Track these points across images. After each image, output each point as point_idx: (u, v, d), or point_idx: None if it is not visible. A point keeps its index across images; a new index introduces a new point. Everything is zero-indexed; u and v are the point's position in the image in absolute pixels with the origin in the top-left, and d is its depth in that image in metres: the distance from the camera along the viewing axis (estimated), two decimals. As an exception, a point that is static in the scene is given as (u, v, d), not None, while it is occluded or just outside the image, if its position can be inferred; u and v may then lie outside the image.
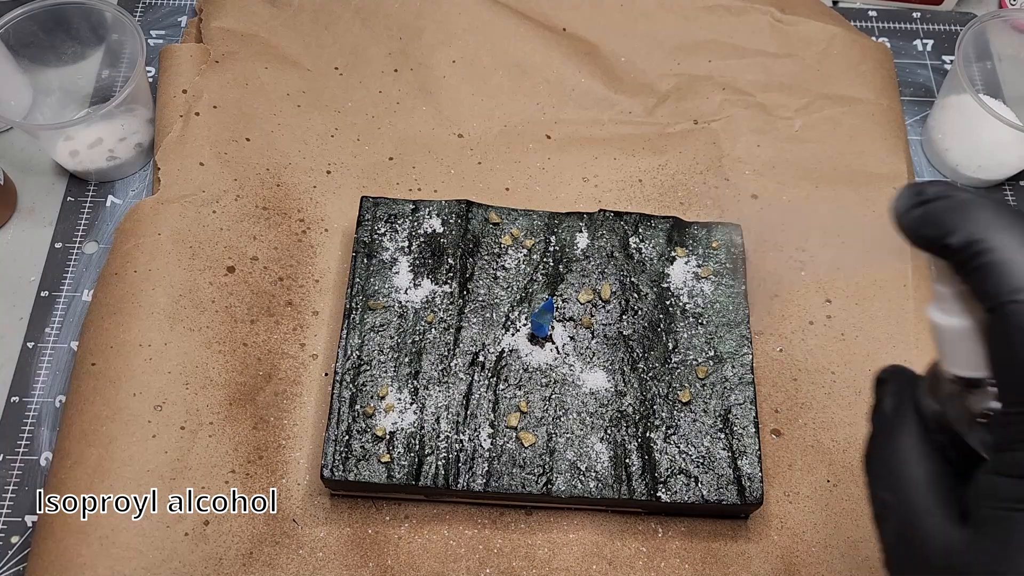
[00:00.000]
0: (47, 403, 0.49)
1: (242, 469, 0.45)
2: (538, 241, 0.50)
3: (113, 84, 0.59)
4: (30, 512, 0.46)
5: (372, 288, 0.48)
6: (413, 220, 0.50)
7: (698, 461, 0.44)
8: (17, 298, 0.52)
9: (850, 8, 0.66)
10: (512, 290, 0.48)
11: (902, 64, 0.63)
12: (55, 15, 0.55)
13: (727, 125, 0.57)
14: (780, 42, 0.60)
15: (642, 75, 0.60)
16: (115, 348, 0.46)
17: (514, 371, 0.46)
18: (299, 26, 0.59)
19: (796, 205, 0.55)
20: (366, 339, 0.46)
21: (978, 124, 0.54)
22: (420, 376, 0.46)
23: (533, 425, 0.45)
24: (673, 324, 0.48)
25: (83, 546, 0.41)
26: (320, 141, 0.56)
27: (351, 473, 0.43)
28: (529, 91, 0.58)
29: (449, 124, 0.57)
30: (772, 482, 0.46)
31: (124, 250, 0.49)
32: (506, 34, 0.59)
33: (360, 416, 0.44)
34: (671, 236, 0.50)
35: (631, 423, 0.45)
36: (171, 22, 0.63)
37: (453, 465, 0.43)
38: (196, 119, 0.54)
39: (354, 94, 0.58)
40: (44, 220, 0.55)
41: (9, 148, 0.58)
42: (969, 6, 0.67)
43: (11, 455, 0.47)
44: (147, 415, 0.44)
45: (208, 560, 0.42)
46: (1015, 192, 0.58)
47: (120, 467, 0.43)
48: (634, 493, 0.43)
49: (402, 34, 0.59)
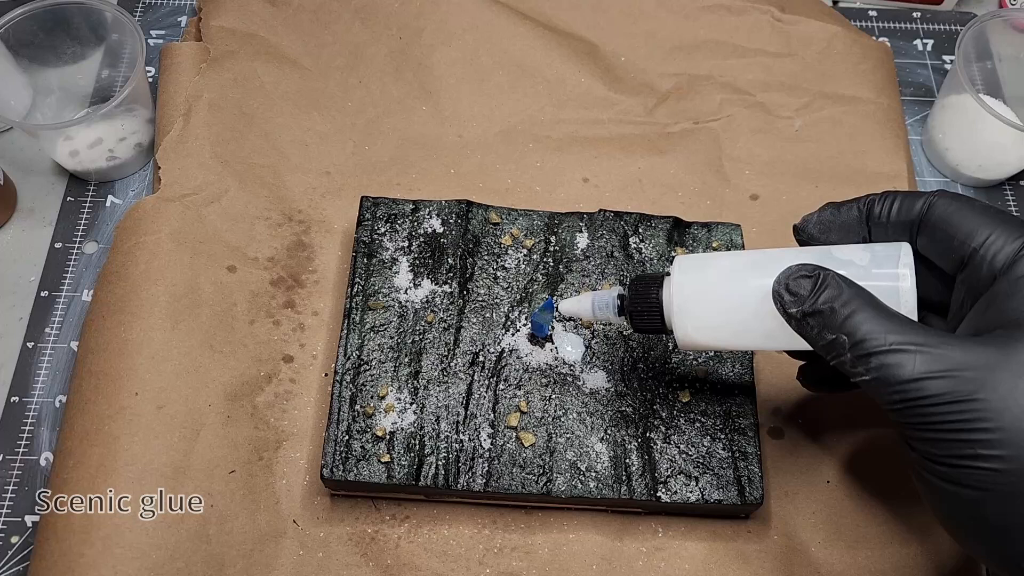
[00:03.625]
0: (47, 403, 0.49)
1: (242, 469, 0.45)
2: (538, 241, 0.50)
3: (113, 84, 0.59)
4: (30, 512, 0.46)
5: (372, 288, 0.48)
6: (413, 220, 0.50)
7: (698, 461, 0.44)
8: (17, 298, 0.52)
9: (850, 8, 0.66)
10: (512, 290, 0.48)
11: (902, 64, 0.63)
12: (55, 15, 0.55)
13: (727, 125, 0.57)
14: (780, 42, 0.60)
15: (642, 75, 0.60)
16: (116, 347, 0.46)
17: (514, 371, 0.46)
18: (299, 25, 0.59)
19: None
20: (366, 339, 0.46)
21: (978, 124, 0.54)
22: (420, 376, 0.46)
23: (533, 425, 0.45)
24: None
25: (85, 546, 0.41)
26: (320, 141, 0.56)
27: (351, 473, 0.43)
28: (529, 91, 0.58)
29: (449, 124, 0.57)
30: (772, 482, 0.46)
31: (125, 249, 0.49)
32: (506, 34, 0.59)
33: (360, 416, 0.44)
34: (671, 236, 0.50)
35: (631, 423, 0.45)
36: (171, 22, 0.63)
37: (453, 465, 0.43)
38: (196, 118, 0.54)
39: (354, 94, 0.58)
40: (44, 220, 0.55)
41: (9, 148, 0.58)
42: (969, 6, 0.67)
43: (11, 455, 0.47)
44: (148, 415, 0.44)
45: (210, 560, 0.42)
46: (1015, 192, 0.58)
47: (122, 467, 0.43)
48: (634, 493, 0.43)
49: (402, 34, 0.59)
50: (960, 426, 0.30)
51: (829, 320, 0.33)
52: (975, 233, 0.34)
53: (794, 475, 0.46)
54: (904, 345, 0.31)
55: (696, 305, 0.38)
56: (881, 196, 0.37)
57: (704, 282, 0.38)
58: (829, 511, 0.46)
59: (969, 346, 0.31)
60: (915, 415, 0.31)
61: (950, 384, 0.30)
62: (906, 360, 0.31)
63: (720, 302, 0.37)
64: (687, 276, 0.38)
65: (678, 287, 0.38)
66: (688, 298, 0.38)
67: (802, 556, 0.44)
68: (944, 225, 0.35)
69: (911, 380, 0.31)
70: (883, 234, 0.37)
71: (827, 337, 0.33)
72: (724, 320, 0.37)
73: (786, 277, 0.34)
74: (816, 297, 0.33)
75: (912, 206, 0.36)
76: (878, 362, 0.31)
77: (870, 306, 0.32)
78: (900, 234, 0.37)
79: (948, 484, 0.31)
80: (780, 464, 0.47)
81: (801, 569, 0.44)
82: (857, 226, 0.38)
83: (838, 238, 0.38)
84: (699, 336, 0.38)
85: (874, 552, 0.44)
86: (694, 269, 0.38)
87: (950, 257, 0.35)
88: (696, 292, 0.38)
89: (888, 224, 0.37)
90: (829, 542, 0.45)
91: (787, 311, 0.34)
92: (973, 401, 0.30)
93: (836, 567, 0.44)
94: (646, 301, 0.39)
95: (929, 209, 0.35)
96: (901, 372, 0.31)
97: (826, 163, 0.56)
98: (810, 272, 0.34)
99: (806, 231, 0.39)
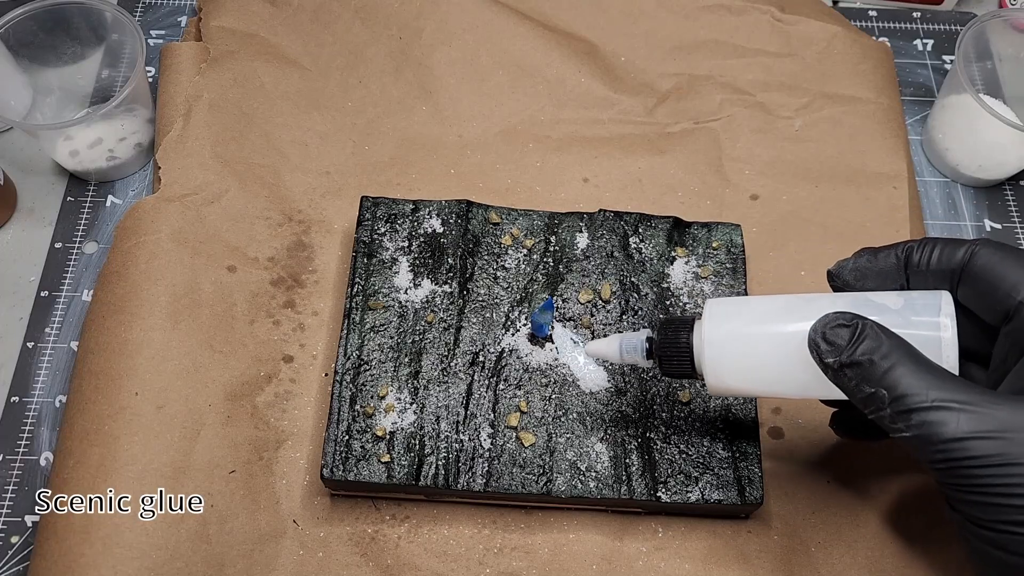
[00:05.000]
0: (47, 403, 0.49)
1: (242, 469, 0.45)
2: (538, 241, 0.50)
3: (113, 84, 0.59)
4: (30, 512, 0.46)
5: (372, 288, 0.48)
6: (413, 220, 0.50)
7: (698, 461, 0.44)
8: (17, 298, 0.52)
9: (850, 8, 0.66)
10: (512, 290, 0.48)
11: (902, 64, 0.63)
12: (55, 15, 0.55)
13: (727, 125, 0.57)
14: (780, 41, 0.60)
15: (642, 75, 0.60)
16: (116, 347, 0.46)
17: (514, 371, 0.46)
18: (299, 25, 0.59)
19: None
20: (366, 339, 0.46)
21: (978, 124, 0.54)
22: (420, 376, 0.46)
23: (533, 425, 0.45)
24: (673, 324, 0.48)
25: (86, 546, 0.41)
26: (320, 141, 0.56)
27: (351, 473, 0.43)
28: (529, 91, 0.58)
29: (449, 124, 0.57)
30: (772, 482, 0.46)
31: (125, 249, 0.49)
32: (506, 34, 0.59)
33: (360, 416, 0.44)
34: (671, 236, 0.50)
35: (631, 423, 0.45)
36: (171, 22, 0.63)
37: (453, 465, 0.43)
38: (196, 118, 0.54)
39: (354, 94, 0.58)
40: (44, 220, 0.55)
41: (9, 148, 0.58)
42: (969, 6, 0.67)
43: (11, 455, 0.47)
44: (149, 415, 0.44)
45: (210, 560, 0.42)
46: (1015, 192, 0.58)
47: (122, 467, 0.43)
48: (634, 493, 0.43)
49: (402, 34, 0.59)
50: (1009, 491, 0.29)
51: (868, 373, 0.31)
52: (1022, 285, 0.33)
53: (794, 475, 0.46)
54: (948, 402, 0.30)
55: (728, 352, 0.36)
56: (920, 243, 0.36)
57: (737, 328, 0.36)
58: (829, 511, 0.46)
59: (1017, 406, 0.29)
60: (960, 476, 0.30)
61: (998, 446, 0.29)
62: (950, 418, 0.29)
63: (753, 349, 0.36)
64: (719, 321, 0.37)
65: (709, 333, 0.37)
66: (720, 344, 0.36)
67: (802, 556, 0.44)
68: (988, 275, 0.34)
69: (955, 439, 0.29)
70: (922, 282, 0.36)
71: (866, 390, 0.31)
72: (757, 367, 0.36)
73: (823, 326, 0.33)
74: (855, 348, 0.32)
75: (954, 254, 0.35)
76: (920, 419, 0.30)
77: (911, 359, 0.31)
78: (940, 282, 0.35)
79: (994, 549, 0.30)
80: (780, 464, 0.47)
81: (801, 569, 0.44)
82: (895, 273, 0.36)
83: (875, 285, 0.36)
84: (731, 383, 0.37)
85: (874, 552, 0.44)
86: (726, 315, 0.37)
87: (994, 309, 0.34)
88: (728, 338, 0.36)
89: (928, 272, 0.35)
90: (829, 542, 0.45)
91: (824, 361, 0.33)
92: (1022, 465, 0.29)
93: (836, 567, 0.44)
94: (676, 346, 0.38)
95: (972, 258, 0.34)
96: (944, 431, 0.29)
97: (826, 163, 0.56)
98: (848, 321, 0.32)
99: (841, 277, 0.37)
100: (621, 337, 0.40)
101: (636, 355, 0.40)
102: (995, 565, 0.31)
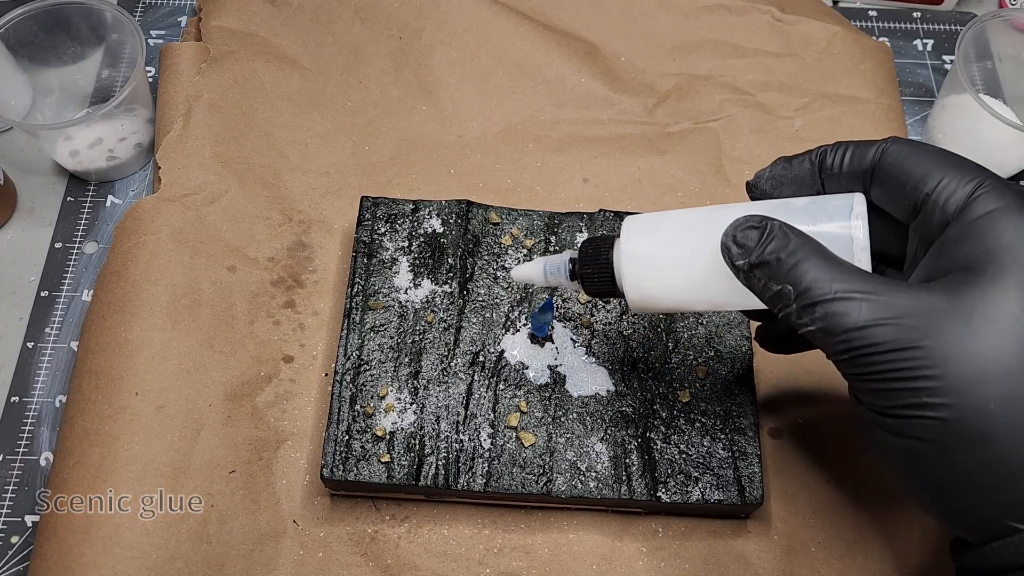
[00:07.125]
0: (47, 403, 0.49)
1: (242, 469, 0.45)
2: (538, 241, 0.50)
3: (113, 84, 0.59)
4: (30, 512, 0.46)
5: (372, 288, 0.48)
6: (413, 220, 0.50)
7: (698, 461, 0.44)
8: (17, 298, 0.52)
9: (850, 8, 0.66)
10: (512, 290, 0.48)
11: (902, 64, 0.63)
12: (55, 15, 0.55)
13: (727, 125, 0.57)
14: (780, 42, 0.60)
15: (642, 75, 0.60)
16: (116, 347, 0.46)
17: (514, 371, 0.46)
18: (299, 25, 0.59)
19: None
20: (366, 339, 0.46)
21: (978, 124, 0.54)
22: (420, 376, 0.46)
23: (533, 425, 0.45)
24: (673, 324, 0.48)
25: (86, 546, 0.41)
26: (320, 141, 0.56)
27: (351, 473, 0.43)
28: (529, 91, 0.58)
29: (449, 124, 0.57)
30: (772, 482, 0.46)
31: (125, 249, 0.49)
32: (506, 34, 0.59)
33: (360, 416, 0.44)
34: (671, 236, 0.50)
35: (631, 423, 0.45)
36: (171, 22, 0.63)
37: (453, 465, 0.43)
38: (196, 118, 0.54)
39: (354, 94, 0.58)
40: (44, 220, 0.55)
41: (9, 148, 0.58)
42: (969, 6, 0.67)
43: (11, 455, 0.47)
44: (148, 415, 0.44)
45: (210, 560, 0.42)
46: (1015, 192, 0.58)
47: (122, 467, 0.43)
48: (634, 493, 0.43)
49: (402, 34, 0.59)
50: (905, 374, 0.29)
51: (775, 271, 0.31)
52: (927, 178, 0.33)
53: (794, 475, 0.46)
54: (849, 293, 0.30)
55: (646, 265, 0.36)
56: (833, 146, 0.36)
57: (654, 242, 0.36)
58: (829, 511, 0.46)
59: (916, 293, 0.30)
60: (861, 364, 0.30)
61: (895, 331, 0.29)
62: (852, 308, 0.30)
63: (671, 261, 0.36)
64: (636, 236, 0.37)
65: (627, 247, 0.37)
66: (639, 258, 0.36)
67: (802, 556, 0.44)
68: (896, 172, 0.33)
69: (856, 328, 0.30)
70: (837, 186, 0.36)
71: (773, 288, 0.32)
72: (676, 280, 0.36)
73: (733, 229, 0.33)
74: (763, 248, 0.32)
75: (865, 154, 0.35)
76: (823, 311, 0.30)
77: (817, 255, 0.31)
78: (854, 185, 0.35)
79: (895, 437, 0.30)
80: (780, 464, 0.47)
81: (801, 569, 0.44)
82: (810, 179, 0.36)
83: (791, 192, 0.37)
84: (651, 297, 0.37)
85: (874, 552, 0.44)
86: (644, 229, 0.37)
87: (903, 205, 0.34)
88: (646, 252, 0.36)
89: (842, 175, 0.35)
90: (829, 542, 0.45)
91: (735, 264, 0.33)
92: (918, 348, 0.29)
93: (836, 567, 0.44)
94: (596, 263, 0.38)
95: (882, 157, 0.34)
96: (846, 320, 0.30)
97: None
98: (757, 223, 0.32)
99: (759, 187, 0.37)
100: (545, 259, 0.41)
101: (560, 276, 0.40)
102: (897, 454, 0.31)
